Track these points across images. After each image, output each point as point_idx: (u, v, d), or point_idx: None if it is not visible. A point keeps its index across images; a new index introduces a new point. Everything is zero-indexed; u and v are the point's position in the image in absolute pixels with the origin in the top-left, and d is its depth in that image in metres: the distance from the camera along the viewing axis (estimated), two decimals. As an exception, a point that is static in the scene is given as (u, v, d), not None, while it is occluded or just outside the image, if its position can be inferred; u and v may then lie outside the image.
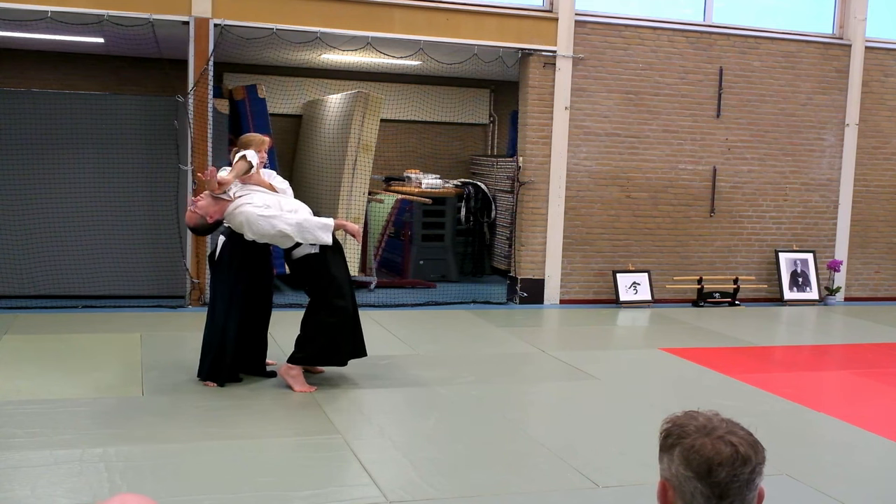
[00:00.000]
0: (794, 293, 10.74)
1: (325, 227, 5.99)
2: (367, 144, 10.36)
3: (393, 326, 8.32)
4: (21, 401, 5.55)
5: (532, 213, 9.90)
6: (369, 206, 10.76)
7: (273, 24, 8.90)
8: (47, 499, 4.10)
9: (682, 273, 10.43)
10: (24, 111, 8.81)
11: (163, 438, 4.97)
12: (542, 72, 9.76)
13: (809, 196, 10.88)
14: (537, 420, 5.93)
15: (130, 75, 11.75)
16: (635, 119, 10.12)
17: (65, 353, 6.87)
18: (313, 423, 5.38)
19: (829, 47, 10.80)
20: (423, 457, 4.83)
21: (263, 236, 5.94)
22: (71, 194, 8.88)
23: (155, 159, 9.03)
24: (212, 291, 6.38)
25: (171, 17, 8.62)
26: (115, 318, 8.21)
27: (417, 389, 6.24)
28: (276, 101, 11.86)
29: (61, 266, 8.84)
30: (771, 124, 10.64)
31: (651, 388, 6.58)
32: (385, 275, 11.35)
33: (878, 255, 11.28)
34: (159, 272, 9.06)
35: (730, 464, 1.65)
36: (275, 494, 4.24)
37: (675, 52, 10.20)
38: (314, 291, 6.12)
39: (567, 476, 4.64)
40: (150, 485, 4.27)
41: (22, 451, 4.68)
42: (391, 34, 9.30)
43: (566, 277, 10.04)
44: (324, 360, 6.20)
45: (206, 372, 6.10)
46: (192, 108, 8.70)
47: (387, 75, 12.58)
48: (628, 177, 10.16)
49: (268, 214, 5.86)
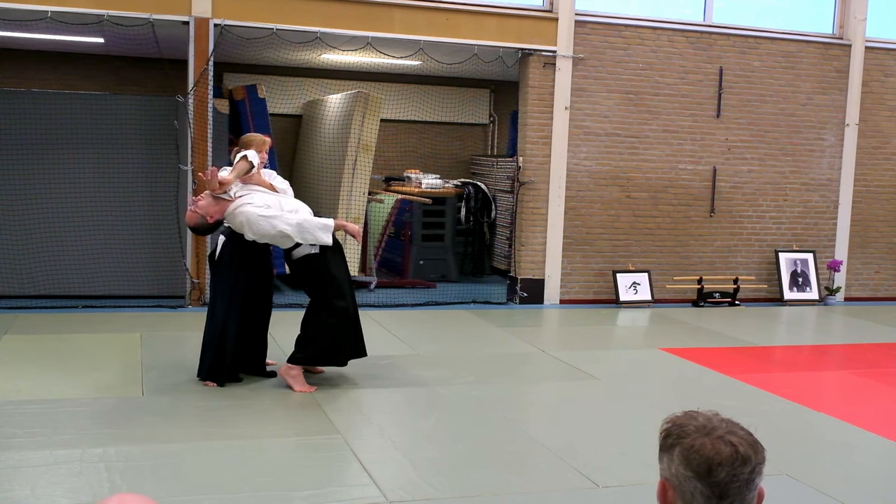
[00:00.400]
0: (794, 293, 10.74)
1: (326, 227, 5.99)
2: (367, 144, 10.36)
3: (393, 326, 8.32)
4: (21, 401, 5.56)
5: (532, 213, 9.90)
6: (369, 206, 10.76)
7: (273, 24, 8.90)
8: (47, 499, 4.10)
9: (682, 273, 10.43)
10: (24, 111, 8.81)
11: (163, 438, 4.97)
12: (542, 72, 9.76)
13: (809, 196, 10.88)
14: (537, 420, 5.93)
15: (130, 75, 11.75)
16: (635, 119, 10.12)
17: (65, 353, 6.87)
18: (313, 423, 5.38)
19: (829, 47, 10.80)
20: (423, 457, 4.83)
21: (263, 236, 5.94)
22: (71, 194, 8.88)
23: (155, 159, 9.03)
24: (212, 291, 6.39)
25: (171, 17, 8.62)
26: (115, 318, 8.21)
27: (417, 389, 6.24)
28: (276, 101, 11.86)
29: (61, 266, 8.84)
30: (771, 124, 10.64)
31: (651, 388, 6.58)
32: (385, 275, 11.34)
33: (878, 255, 11.28)
34: (159, 272, 9.07)
35: (729, 464, 1.65)
36: (275, 494, 4.24)
37: (675, 52, 10.20)
38: (314, 292, 6.14)
39: (567, 476, 4.64)
40: (150, 485, 4.27)
41: (22, 451, 4.68)
42: (391, 34, 9.30)
43: (566, 277, 10.04)
44: (324, 361, 6.21)
45: (206, 372, 6.12)
46: (192, 108, 8.70)
47: (387, 75, 12.58)
48: (628, 177, 10.16)
49: (268, 214, 5.86)
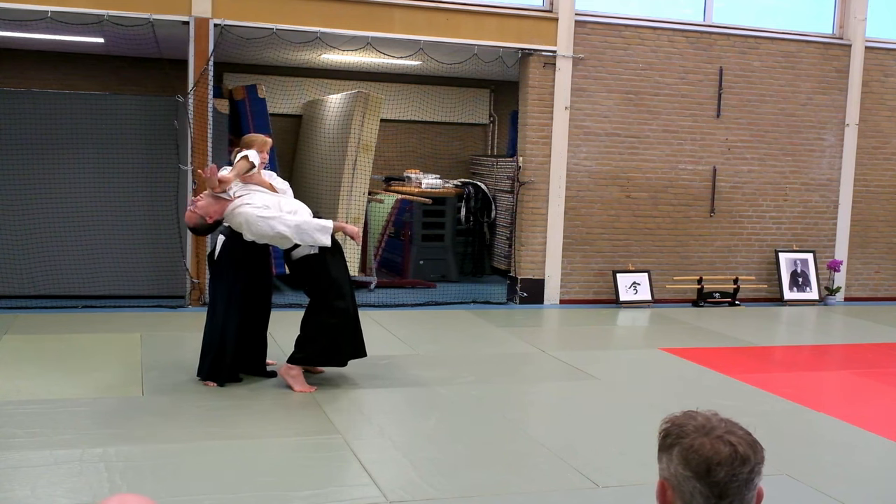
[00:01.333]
0: (794, 293, 10.74)
1: (324, 229, 5.98)
2: (367, 144, 10.36)
3: (393, 326, 8.32)
4: (21, 401, 5.56)
5: (532, 213, 9.90)
6: (369, 206, 10.76)
7: (273, 24, 8.90)
8: (47, 499, 4.10)
9: (682, 273, 10.43)
10: (24, 111, 8.81)
11: (163, 438, 4.97)
12: (542, 72, 9.76)
13: (809, 196, 10.88)
14: (537, 420, 5.93)
15: (130, 75, 11.75)
16: (635, 119, 10.12)
17: (65, 353, 6.87)
18: (313, 423, 5.38)
19: (829, 47, 10.80)
20: (423, 457, 4.83)
21: (262, 237, 5.93)
22: (71, 194, 8.88)
23: (155, 159, 9.03)
24: (211, 291, 6.39)
25: (171, 17, 8.62)
26: (115, 318, 8.21)
27: (417, 389, 6.24)
28: (276, 101, 11.86)
29: (61, 266, 8.84)
30: (771, 124, 10.63)
31: (651, 388, 6.57)
32: (385, 275, 11.34)
33: (878, 255, 11.28)
34: (159, 272, 9.07)
35: (728, 463, 1.65)
36: (275, 494, 4.24)
37: (675, 52, 10.20)
38: (314, 292, 6.13)
39: (567, 476, 4.64)
40: (150, 485, 4.27)
41: (22, 451, 4.68)
42: (391, 34, 9.30)
43: (566, 277, 10.04)
44: (324, 361, 6.21)
45: (206, 372, 6.12)
46: (192, 108, 8.70)
47: (387, 75, 12.57)
48: (628, 177, 10.16)
49: (267, 216, 5.85)
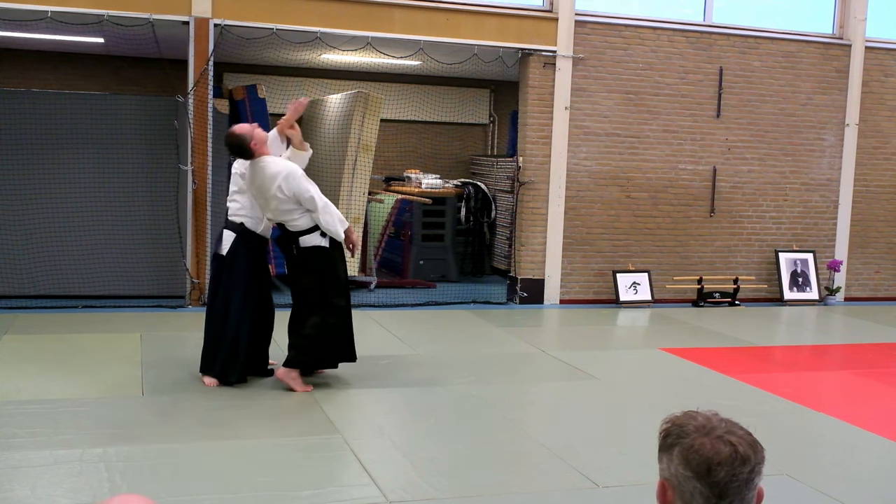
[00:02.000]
0: (794, 293, 10.74)
1: (342, 221, 6.06)
2: (367, 144, 10.36)
3: (393, 326, 8.32)
4: (21, 401, 5.56)
5: (532, 213, 9.90)
6: (369, 206, 10.76)
7: (273, 24, 8.90)
8: (47, 499, 4.10)
9: (682, 273, 10.43)
10: (24, 111, 8.81)
11: (163, 438, 4.97)
12: (542, 72, 9.76)
13: (809, 196, 10.88)
14: (537, 420, 5.93)
15: (130, 75, 11.75)
16: (635, 119, 10.12)
17: (65, 353, 6.87)
18: (313, 423, 5.38)
19: (829, 47, 10.80)
20: (423, 457, 4.83)
21: (291, 197, 5.85)
22: (71, 194, 8.88)
23: (155, 159, 9.03)
24: (222, 289, 6.08)
25: (171, 17, 8.62)
26: (115, 318, 8.21)
27: (417, 389, 6.24)
28: (276, 101, 11.85)
29: (61, 266, 8.84)
30: (771, 124, 10.63)
31: (651, 388, 6.57)
32: (385, 275, 11.34)
33: (878, 255, 11.28)
34: (159, 272, 9.06)
35: (729, 463, 1.65)
36: (275, 494, 4.24)
37: (675, 52, 10.20)
38: (316, 287, 6.02)
39: (567, 476, 4.64)
40: (150, 485, 4.27)
41: (22, 451, 4.68)
42: (391, 34, 9.30)
43: (566, 277, 10.04)
44: (320, 363, 6.21)
45: (217, 370, 6.05)
46: (192, 108, 8.70)
47: (387, 75, 12.57)
48: (628, 177, 10.16)
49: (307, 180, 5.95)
